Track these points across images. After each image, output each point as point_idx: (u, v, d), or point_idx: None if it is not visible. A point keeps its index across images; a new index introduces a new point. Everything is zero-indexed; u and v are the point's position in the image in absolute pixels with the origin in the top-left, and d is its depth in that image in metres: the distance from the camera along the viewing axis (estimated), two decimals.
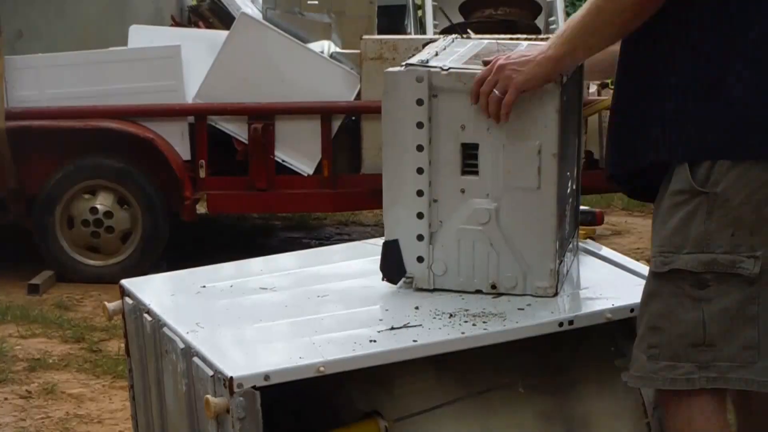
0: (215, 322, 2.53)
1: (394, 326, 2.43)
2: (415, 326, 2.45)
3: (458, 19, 7.41)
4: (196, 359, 2.36)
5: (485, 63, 2.49)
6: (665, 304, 2.34)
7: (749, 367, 2.29)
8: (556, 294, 2.58)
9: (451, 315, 2.51)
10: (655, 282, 2.36)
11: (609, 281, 2.75)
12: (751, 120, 2.27)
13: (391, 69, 2.61)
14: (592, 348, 2.67)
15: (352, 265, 2.89)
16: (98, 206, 6.50)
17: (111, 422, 4.40)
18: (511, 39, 6.38)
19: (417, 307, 2.54)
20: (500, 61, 2.44)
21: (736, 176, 2.27)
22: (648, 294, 2.38)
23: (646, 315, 2.37)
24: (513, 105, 2.43)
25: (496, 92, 2.43)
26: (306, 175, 6.44)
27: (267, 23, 6.64)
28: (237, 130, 6.50)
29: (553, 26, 7.09)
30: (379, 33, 6.90)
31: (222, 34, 6.72)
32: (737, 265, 2.28)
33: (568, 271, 2.74)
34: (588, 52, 2.43)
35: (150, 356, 2.67)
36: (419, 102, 2.56)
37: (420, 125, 2.56)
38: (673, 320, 2.33)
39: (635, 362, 2.39)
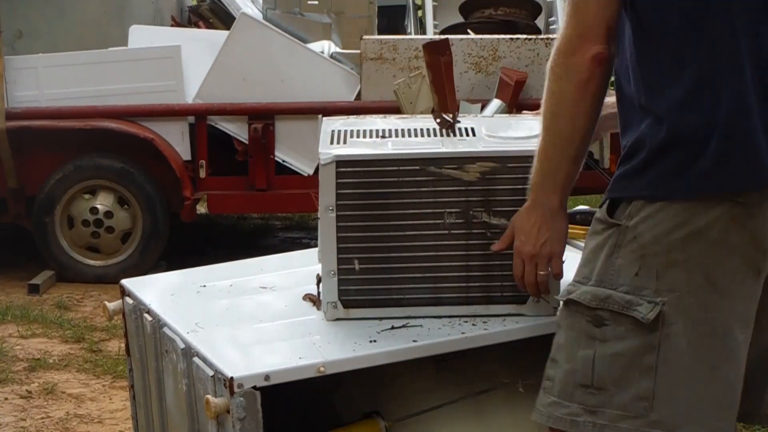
0: (215, 322, 2.53)
1: (394, 326, 2.43)
2: (414, 326, 2.45)
3: (458, 19, 7.41)
4: (196, 359, 2.36)
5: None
6: (564, 336, 2.21)
7: (641, 419, 2.11)
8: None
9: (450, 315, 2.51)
10: (561, 311, 2.23)
11: None
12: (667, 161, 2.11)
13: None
14: None
15: None
16: (98, 206, 6.51)
17: (111, 422, 4.40)
18: (512, 39, 6.42)
19: None
20: (526, 250, 2.30)
21: (650, 213, 2.10)
22: (557, 322, 2.26)
23: (553, 344, 2.24)
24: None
25: (542, 273, 2.32)
26: (306, 175, 6.44)
27: (267, 23, 6.65)
28: (237, 130, 6.51)
29: (553, 26, 7.09)
30: (379, 33, 6.91)
31: (222, 35, 6.72)
32: (633, 307, 2.10)
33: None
34: (570, 162, 2.23)
35: (150, 356, 2.67)
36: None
37: None
38: (566, 355, 2.18)
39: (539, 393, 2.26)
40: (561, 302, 2.23)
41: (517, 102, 6.09)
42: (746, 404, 2.24)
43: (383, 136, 2.54)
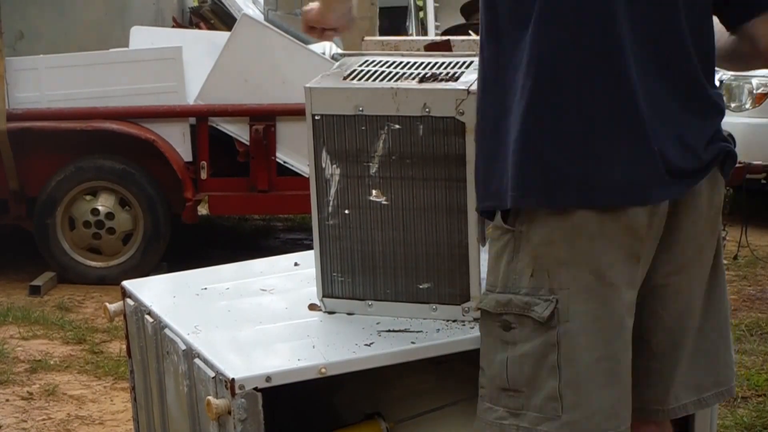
0: (216, 324, 2.53)
1: (393, 329, 2.44)
2: (415, 328, 2.46)
3: (459, 20, 7.41)
4: (197, 360, 2.36)
5: None
6: (483, 344, 2.27)
7: (555, 421, 2.14)
8: None
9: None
10: (480, 319, 2.29)
11: None
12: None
13: None
14: None
15: None
16: (99, 207, 6.51)
17: (112, 424, 4.40)
18: None
19: None
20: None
21: (537, 216, 2.15)
22: (479, 331, 2.31)
23: (480, 353, 2.30)
24: None
25: None
26: (307, 176, 6.43)
27: (268, 24, 6.65)
28: (238, 131, 6.51)
29: None
30: (381, 34, 6.91)
31: (223, 36, 6.73)
32: (531, 307, 2.15)
33: None
34: None
35: (151, 358, 2.67)
36: None
37: None
38: (487, 361, 2.24)
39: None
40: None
41: None
42: (650, 400, 2.30)
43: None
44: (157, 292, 2.80)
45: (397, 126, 2.42)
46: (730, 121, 7.77)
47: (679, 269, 2.26)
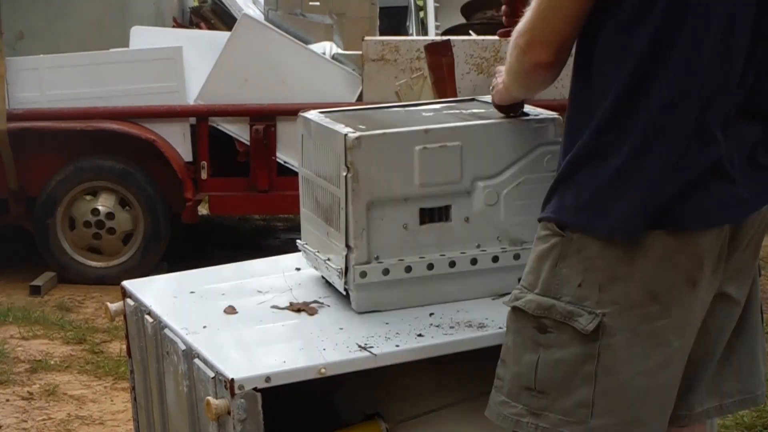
0: (216, 324, 2.53)
1: (391, 333, 2.44)
2: (415, 329, 2.46)
3: (460, 20, 7.41)
4: (197, 361, 2.36)
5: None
6: (512, 340, 2.28)
7: (581, 425, 2.18)
8: None
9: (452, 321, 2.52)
10: (509, 314, 2.29)
11: None
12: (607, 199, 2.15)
13: None
14: None
15: None
16: (100, 207, 6.51)
17: (112, 424, 4.40)
18: None
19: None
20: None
21: None
22: (506, 324, 2.33)
23: (503, 346, 2.32)
24: None
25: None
26: None
27: (269, 24, 6.64)
28: (238, 131, 6.51)
29: None
30: (381, 34, 6.91)
31: (224, 36, 6.72)
32: (574, 317, 2.16)
33: None
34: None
35: (151, 358, 2.67)
36: None
37: None
38: (514, 357, 2.26)
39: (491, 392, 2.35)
40: (509, 307, 2.29)
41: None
42: (678, 405, 2.31)
43: None
44: (157, 292, 2.80)
45: None
46: None
47: (731, 280, 2.27)
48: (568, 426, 2.19)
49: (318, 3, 6.82)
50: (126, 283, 2.86)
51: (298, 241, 2.83)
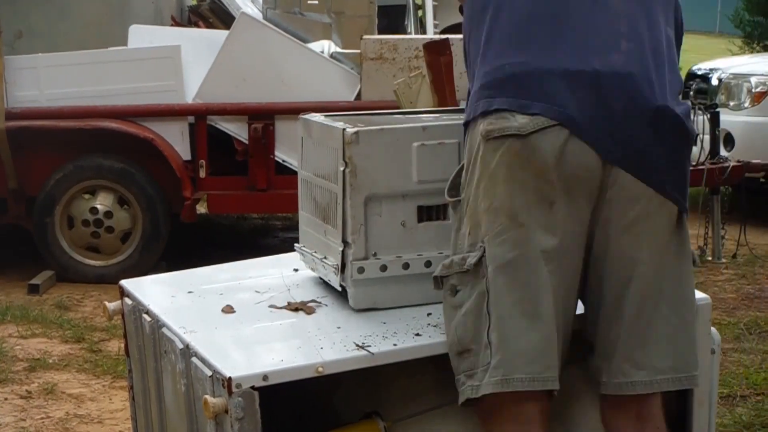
0: (214, 323, 2.53)
1: (388, 334, 2.44)
2: (413, 328, 2.46)
3: (458, 18, 7.41)
4: (194, 359, 2.36)
5: None
6: (444, 316, 2.36)
7: (487, 369, 2.23)
8: None
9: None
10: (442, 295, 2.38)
11: None
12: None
13: None
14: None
15: None
16: (98, 206, 6.51)
17: (111, 422, 4.39)
18: None
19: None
20: None
21: (467, 177, 2.31)
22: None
23: None
24: None
25: None
26: None
27: (267, 23, 6.64)
28: (237, 130, 6.51)
29: None
30: (380, 33, 6.91)
31: (222, 34, 6.72)
32: (466, 261, 2.27)
33: None
34: None
35: (149, 356, 2.67)
36: None
37: None
38: (447, 331, 2.35)
39: None
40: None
41: None
42: (598, 368, 2.35)
43: None
44: (156, 291, 2.80)
45: None
46: (729, 120, 7.77)
47: (623, 230, 2.28)
48: (484, 375, 2.23)
49: (316, 2, 6.82)
50: (124, 282, 2.86)
51: (295, 244, 2.83)
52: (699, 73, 9.05)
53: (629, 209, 2.27)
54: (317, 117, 2.70)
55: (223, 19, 7.53)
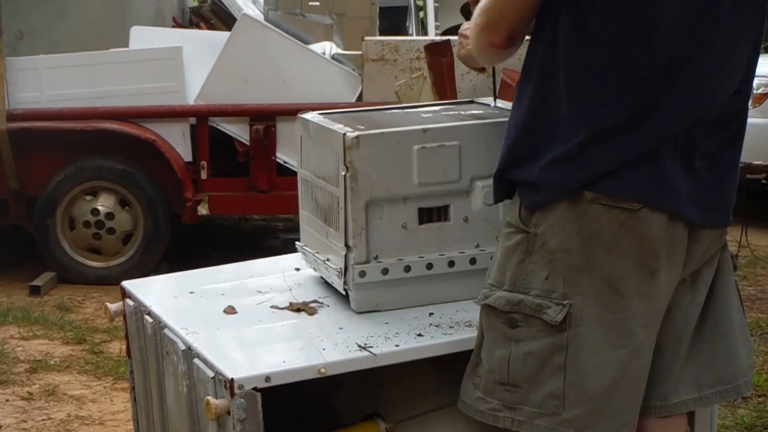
0: (216, 324, 2.53)
1: (390, 334, 2.44)
2: (415, 329, 2.46)
3: (460, 20, 7.41)
4: (196, 360, 2.36)
5: None
6: (485, 336, 2.33)
7: (554, 417, 2.22)
8: None
9: (451, 321, 2.52)
10: (481, 313, 2.34)
11: None
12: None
13: None
14: None
15: None
16: (99, 208, 6.51)
17: (112, 424, 4.40)
18: None
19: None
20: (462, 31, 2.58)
21: (554, 219, 2.21)
22: (479, 322, 2.37)
23: (476, 343, 2.37)
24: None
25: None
26: None
27: (268, 24, 6.64)
28: (238, 131, 6.51)
29: None
30: (381, 34, 6.91)
31: (223, 36, 6.72)
32: (543, 309, 2.21)
33: None
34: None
35: (151, 358, 2.67)
36: None
37: None
38: (487, 354, 2.31)
39: (463, 387, 2.39)
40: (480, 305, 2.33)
41: None
42: (652, 396, 2.34)
43: None
44: (157, 293, 2.80)
45: None
46: None
47: (694, 273, 2.32)
48: (541, 418, 2.24)
49: (318, 3, 6.82)
50: (126, 284, 2.86)
51: (297, 243, 2.83)
52: None
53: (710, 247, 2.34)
54: (315, 117, 2.70)
55: (225, 20, 7.53)
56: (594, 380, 2.21)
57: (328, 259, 2.62)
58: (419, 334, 2.43)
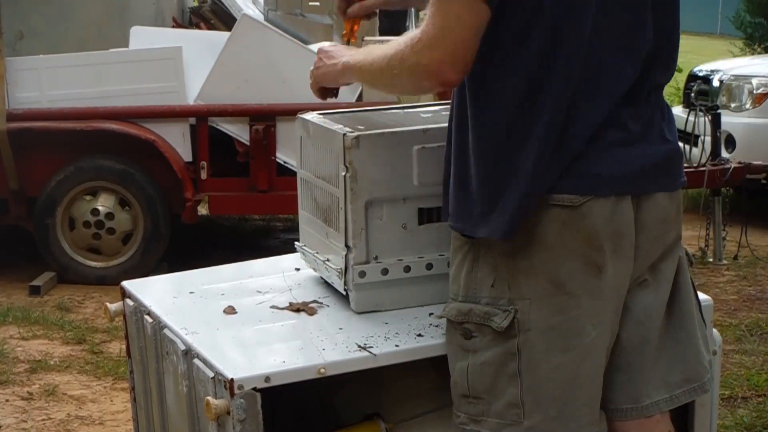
0: (216, 324, 2.53)
1: (390, 334, 2.44)
2: (415, 329, 2.46)
3: None
4: (196, 361, 2.36)
5: None
6: (448, 350, 2.32)
7: (516, 426, 2.20)
8: None
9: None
10: (445, 327, 2.34)
11: None
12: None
13: None
14: None
15: None
16: (99, 208, 6.51)
17: (112, 424, 4.40)
18: None
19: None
20: (323, 48, 2.63)
21: None
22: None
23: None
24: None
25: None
26: None
27: (268, 24, 6.65)
28: (238, 131, 6.52)
29: None
30: (381, 34, 6.91)
31: (223, 36, 6.73)
32: (491, 317, 2.19)
33: None
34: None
35: (151, 358, 2.67)
36: None
37: None
38: (451, 367, 2.31)
39: None
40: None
41: None
42: (622, 399, 2.31)
43: None
44: (157, 293, 2.80)
45: None
46: (731, 121, 7.77)
47: (650, 266, 2.28)
48: (505, 429, 2.21)
49: (318, 3, 6.82)
50: (125, 284, 2.86)
51: (296, 243, 2.83)
52: (700, 74, 9.06)
53: (663, 232, 2.27)
54: (315, 117, 2.70)
55: (225, 20, 7.54)
56: (549, 384, 2.18)
57: (328, 260, 2.62)
58: (419, 335, 2.43)
